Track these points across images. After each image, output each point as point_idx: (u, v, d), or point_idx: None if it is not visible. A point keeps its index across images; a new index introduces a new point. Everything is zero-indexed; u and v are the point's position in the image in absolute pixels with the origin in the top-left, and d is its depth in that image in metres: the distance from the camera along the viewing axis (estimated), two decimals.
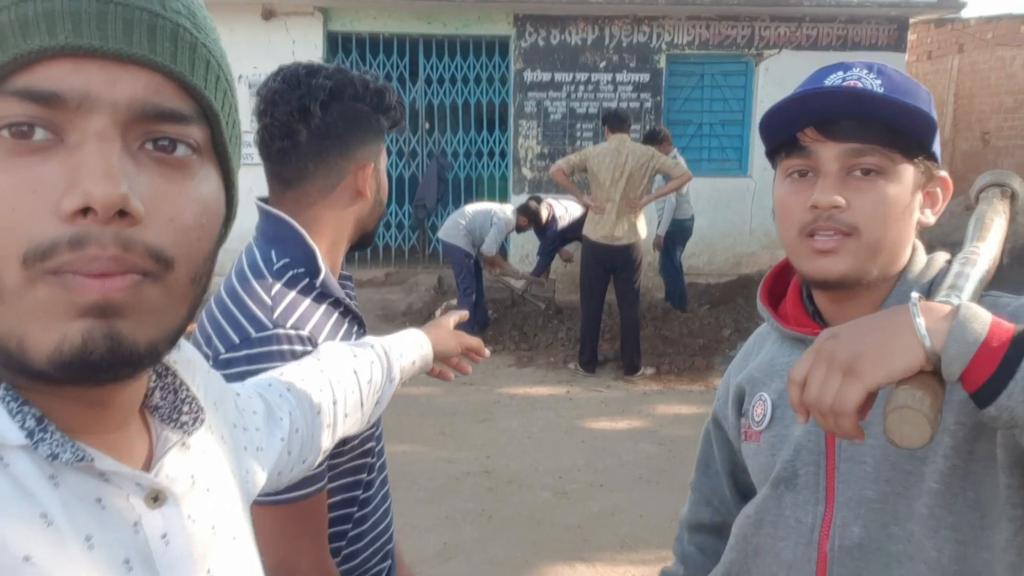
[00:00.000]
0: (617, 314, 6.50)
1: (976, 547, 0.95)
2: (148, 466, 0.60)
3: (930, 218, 1.04)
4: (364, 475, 1.29)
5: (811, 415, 0.85)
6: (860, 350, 0.81)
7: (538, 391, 6.07)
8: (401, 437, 4.92)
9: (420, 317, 7.86)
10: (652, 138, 7.01)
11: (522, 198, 9.38)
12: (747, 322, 7.29)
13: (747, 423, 1.14)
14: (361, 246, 1.35)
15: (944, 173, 1.05)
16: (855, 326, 0.84)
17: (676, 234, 7.72)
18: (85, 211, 0.48)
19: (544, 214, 7.34)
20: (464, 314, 1.46)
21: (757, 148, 9.62)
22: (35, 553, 0.49)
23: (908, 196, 1.00)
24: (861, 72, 0.99)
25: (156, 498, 0.57)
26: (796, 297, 1.12)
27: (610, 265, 6.18)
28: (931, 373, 0.79)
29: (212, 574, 0.62)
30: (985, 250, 0.98)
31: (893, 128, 0.96)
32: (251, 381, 0.97)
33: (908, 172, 0.99)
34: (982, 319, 0.78)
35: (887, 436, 0.78)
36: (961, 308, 0.80)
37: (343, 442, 1.22)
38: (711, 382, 6.21)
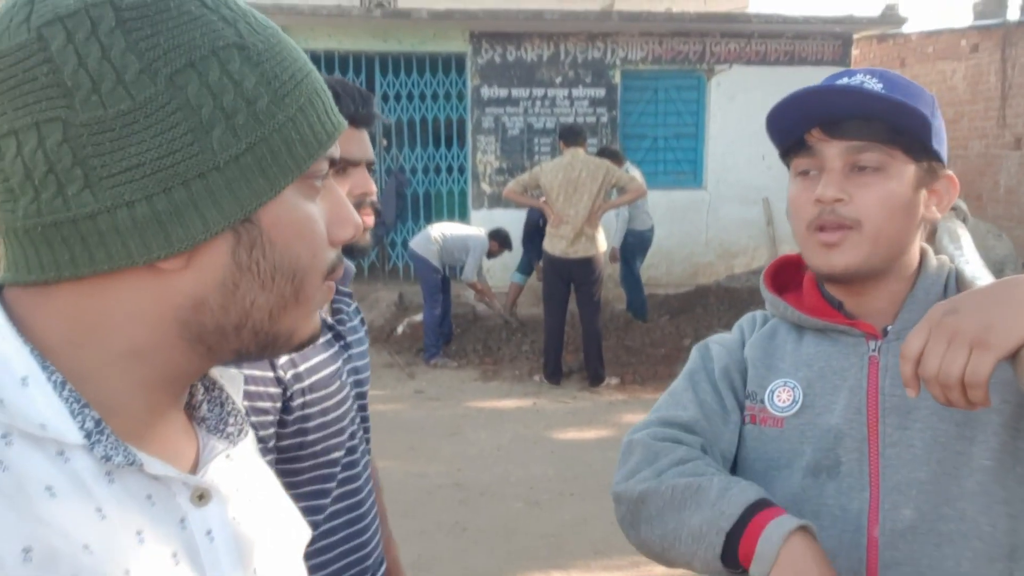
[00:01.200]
0: (580, 326, 6.57)
1: None
2: (194, 471, 0.64)
3: (936, 214, 1.09)
4: (330, 484, 1.30)
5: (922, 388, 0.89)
6: (988, 321, 0.85)
7: (505, 404, 6.10)
8: None
9: (382, 333, 7.84)
10: (604, 155, 7.15)
11: (481, 213, 9.44)
12: (706, 331, 7.41)
13: (759, 408, 1.12)
14: (350, 253, 1.37)
15: (950, 172, 1.10)
16: (974, 300, 0.89)
17: (635, 245, 7.83)
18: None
19: None
20: None
21: (711, 161, 9.82)
22: (92, 543, 0.52)
23: (908, 193, 1.04)
24: (865, 77, 1.05)
25: (201, 496, 0.61)
26: (814, 289, 1.15)
27: (570, 278, 6.25)
28: None
29: (257, 573, 0.65)
30: (973, 254, 1.10)
31: (893, 127, 1.01)
32: None
33: (909, 170, 1.04)
34: None
35: None
36: None
37: (300, 446, 1.24)
38: None
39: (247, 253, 0.58)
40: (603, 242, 6.34)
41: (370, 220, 1.35)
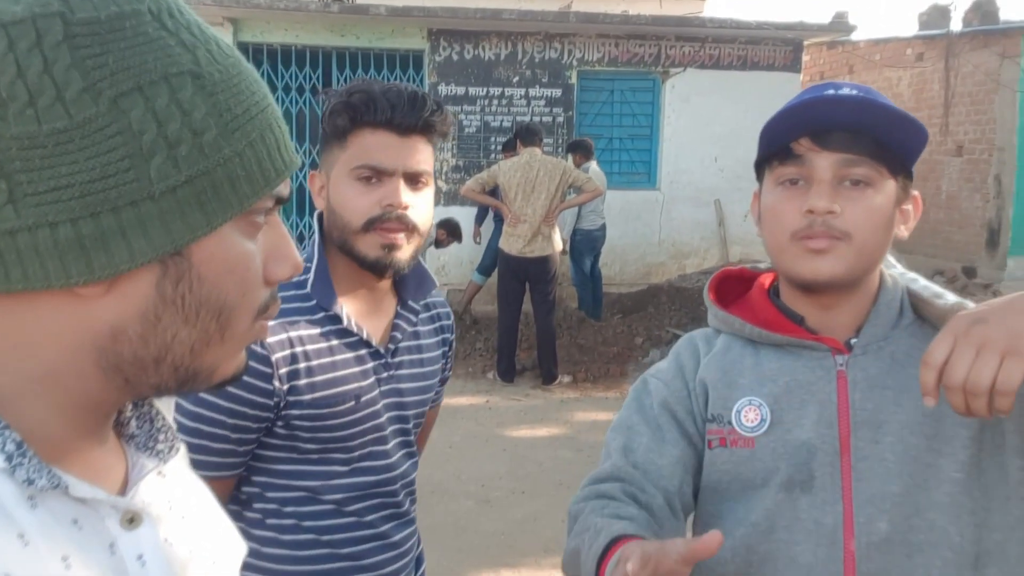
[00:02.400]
0: (534, 324, 6.63)
1: (988, 529, 1.01)
2: (124, 491, 0.62)
3: (903, 233, 1.10)
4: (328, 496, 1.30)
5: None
6: (1019, 330, 0.86)
7: (458, 401, 6.13)
8: None
9: None
10: (576, 147, 7.50)
11: (438, 210, 9.44)
12: (658, 330, 7.53)
13: (728, 429, 1.09)
14: (362, 266, 1.27)
15: (916, 193, 1.12)
16: (1001, 310, 0.90)
17: (583, 243, 7.91)
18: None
19: None
20: None
21: (665, 162, 9.96)
22: (14, 571, 0.50)
23: (891, 208, 1.06)
24: (851, 91, 1.04)
25: (132, 520, 0.59)
26: (767, 303, 1.15)
27: (525, 277, 6.31)
28: None
29: None
30: (911, 271, 1.14)
31: (881, 143, 1.02)
32: None
33: (891, 186, 1.05)
34: None
35: None
36: None
37: (294, 448, 1.25)
38: (626, 388, 6.39)
39: (173, 286, 0.55)
40: (559, 242, 6.42)
41: (398, 237, 1.24)
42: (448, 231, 7.48)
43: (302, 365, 1.23)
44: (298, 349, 1.23)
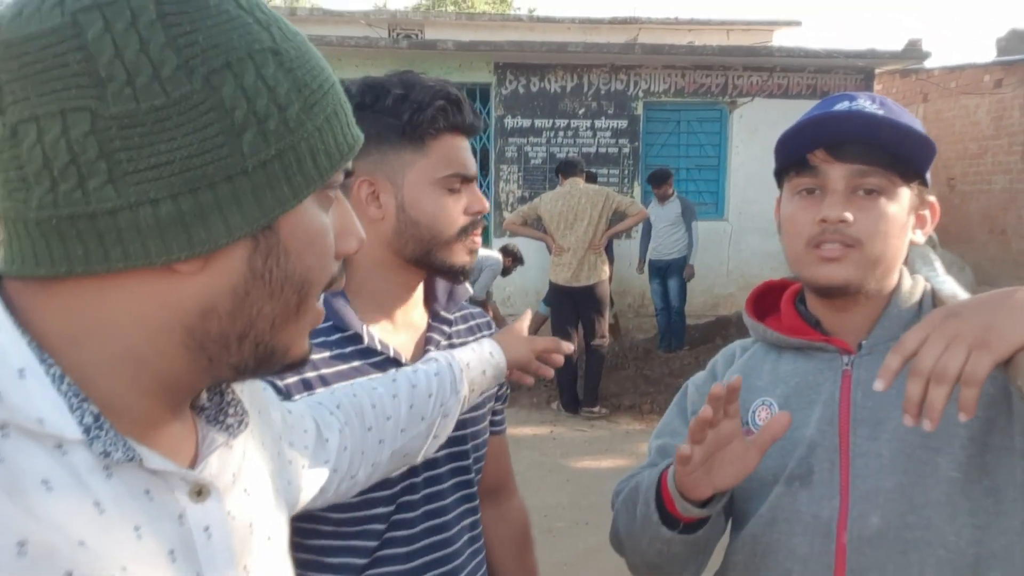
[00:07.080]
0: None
1: (994, 532, 1.01)
2: (193, 464, 0.63)
3: (920, 238, 1.14)
4: (370, 542, 1.17)
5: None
6: (989, 324, 0.87)
7: (522, 431, 6.11)
8: None
9: None
10: (660, 177, 7.61)
11: (503, 241, 9.49)
12: None
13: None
14: (443, 274, 1.23)
15: (933, 199, 1.15)
16: (976, 305, 0.91)
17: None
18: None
19: None
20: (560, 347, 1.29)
21: (733, 192, 9.84)
22: (89, 538, 0.52)
23: (904, 216, 1.09)
24: (865, 102, 1.09)
25: (200, 492, 0.60)
26: (791, 309, 1.21)
27: (576, 306, 6.31)
28: None
29: (248, 570, 0.64)
30: (946, 275, 1.15)
31: (894, 153, 1.06)
32: (303, 400, 0.99)
33: (905, 194, 1.09)
34: None
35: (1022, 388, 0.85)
36: None
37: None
38: None
39: (263, 260, 0.57)
40: (606, 269, 6.39)
41: (479, 242, 1.24)
42: (512, 258, 7.54)
43: (319, 390, 1.11)
44: (310, 375, 1.11)
